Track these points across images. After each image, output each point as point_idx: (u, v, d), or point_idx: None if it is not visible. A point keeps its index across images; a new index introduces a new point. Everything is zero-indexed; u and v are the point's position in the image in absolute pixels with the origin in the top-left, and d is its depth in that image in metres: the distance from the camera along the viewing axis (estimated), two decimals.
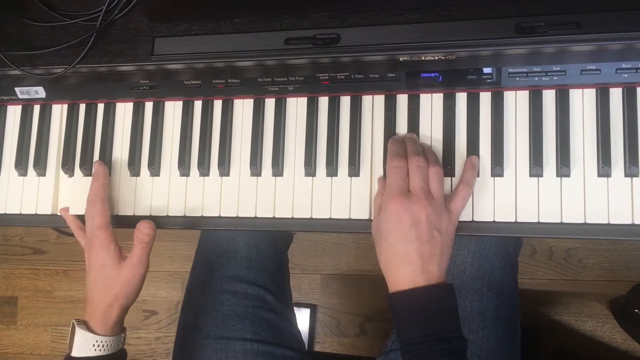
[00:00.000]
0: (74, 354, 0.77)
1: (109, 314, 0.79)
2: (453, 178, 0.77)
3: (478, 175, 0.76)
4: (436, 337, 0.67)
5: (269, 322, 0.93)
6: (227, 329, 0.91)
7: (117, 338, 0.80)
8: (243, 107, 0.85)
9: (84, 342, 0.77)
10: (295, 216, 0.81)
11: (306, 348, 1.31)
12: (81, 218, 0.85)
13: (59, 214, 0.87)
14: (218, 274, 0.94)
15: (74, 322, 0.78)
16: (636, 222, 0.72)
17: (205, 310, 0.93)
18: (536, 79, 0.75)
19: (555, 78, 0.75)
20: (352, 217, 0.79)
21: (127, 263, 0.79)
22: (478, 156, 0.77)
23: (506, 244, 0.91)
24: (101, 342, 0.78)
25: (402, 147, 0.75)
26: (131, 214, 0.85)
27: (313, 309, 1.61)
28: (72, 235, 0.86)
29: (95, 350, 0.77)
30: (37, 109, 0.91)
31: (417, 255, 0.68)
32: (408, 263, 0.69)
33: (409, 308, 0.68)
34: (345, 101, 0.82)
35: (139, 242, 0.79)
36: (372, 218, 0.78)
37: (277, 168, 0.82)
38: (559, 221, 0.74)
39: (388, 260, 0.71)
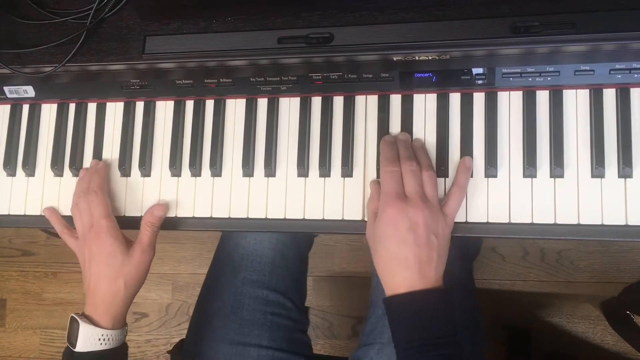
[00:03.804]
0: (79, 349, 0.75)
1: (116, 304, 0.78)
2: (447, 179, 0.77)
3: (472, 176, 0.76)
4: (432, 342, 0.66)
5: (286, 328, 0.93)
6: (244, 335, 0.90)
7: (122, 331, 0.79)
8: (235, 107, 0.84)
9: (89, 337, 0.75)
10: (288, 217, 0.80)
11: None
12: (66, 218, 0.85)
13: (42, 214, 0.86)
14: (240, 277, 0.93)
15: (75, 317, 0.77)
16: (630, 223, 0.72)
17: (224, 312, 0.92)
18: (530, 79, 0.75)
19: (549, 78, 0.75)
20: (345, 218, 0.79)
21: (137, 248, 0.79)
22: (471, 157, 0.76)
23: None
24: (107, 335, 0.77)
25: (394, 151, 0.75)
26: (122, 214, 0.84)
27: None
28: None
29: (101, 344, 0.76)
30: (26, 108, 0.90)
31: (415, 260, 0.68)
32: (405, 267, 0.68)
33: (406, 312, 0.68)
34: (338, 101, 0.81)
35: (150, 225, 0.80)
36: (365, 219, 0.78)
37: (270, 169, 0.81)
38: (552, 222, 0.74)
39: (385, 265, 0.70)
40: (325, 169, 0.80)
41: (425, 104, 0.79)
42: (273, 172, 0.81)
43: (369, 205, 0.76)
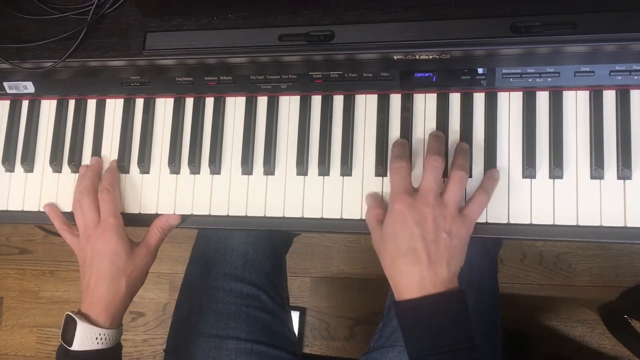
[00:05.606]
0: (75, 347, 0.74)
1: (115, 303, 0.78)
2: (445, 179, 0.77)
3: (470, 177, 0.76)
4: (446, 349, 0.63)
5: (264, 322, 0.92)
6: (221, 328, 0.90)
7: (118, 331, 0.79)
8: (235, 105, 0.84)
9: (87, 335, 0.75)
10: (286, 215, 0.80)
11: None
12: (66, 215, 0.84)
13: (42, 209, 0.86)
14: (214, 271, 0.93)
15: (72, 315, 0.76)
16: (628, 225, 0.72)
17: (200, 307, 0.92)
18: (530, 80, 0.75)
19: (549, 79, 0.75)
20: (344, 217, 0.79)
21: (143, 249, 0.80)
22: (471, 155, 0.76)
23: (484, 240, 0.90)
24: (104, 335, 0.76)
25: (404, 149, 0.75)
26: (119, 211, 0.84)
27: (302, 312, 1.60)
28: (59, 235, 0.84)
29: (98, 343, 0.75)
30: (25, 104, 0.89)
31: (424, 253, 0.66)
32: (415, 262, 0.66)
33: (416, 319, 0.65)
34: (338, 100, 0.81)
35: (161, 231, 0.81)
36: (363, 217, 0.77)
37: (269, 167, 0.81)
38: (551, 223, 0.74)
39: (393, 263, 0.68)
40: (324, 168, 0.80)
41: (425, 103, 0.79)
42: (272, 170, 0.81)
43: (369, 214, 0.74)
